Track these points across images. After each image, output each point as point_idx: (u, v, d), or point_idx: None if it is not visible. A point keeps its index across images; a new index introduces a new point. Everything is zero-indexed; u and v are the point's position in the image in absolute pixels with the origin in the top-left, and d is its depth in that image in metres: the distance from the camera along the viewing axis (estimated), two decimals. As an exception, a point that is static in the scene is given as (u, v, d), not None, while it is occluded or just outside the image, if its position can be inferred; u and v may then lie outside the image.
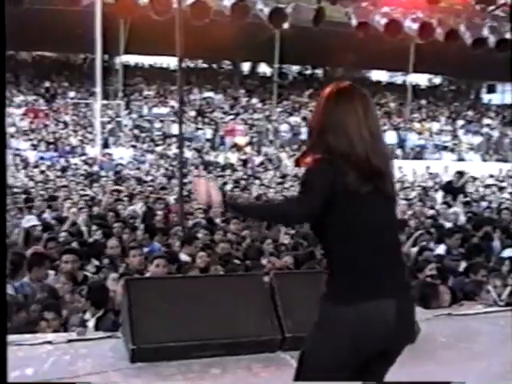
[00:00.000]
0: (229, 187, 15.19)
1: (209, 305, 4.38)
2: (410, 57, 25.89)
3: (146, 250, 7.88)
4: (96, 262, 7.24)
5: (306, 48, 24.82)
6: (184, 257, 7.79)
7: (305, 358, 2.63)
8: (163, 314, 4.29)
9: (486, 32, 10.87)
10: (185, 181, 13.83)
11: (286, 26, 9.81)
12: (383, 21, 10.31)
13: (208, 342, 4.26)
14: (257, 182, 17.67)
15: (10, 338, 4.63)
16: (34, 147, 23.05)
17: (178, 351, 4.22)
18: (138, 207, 10.98)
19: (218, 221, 10.05)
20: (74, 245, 7.80)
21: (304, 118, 27.94)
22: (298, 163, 2.73)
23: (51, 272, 6.85)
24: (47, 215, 10.31)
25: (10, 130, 23.96)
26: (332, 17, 11.90)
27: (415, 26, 10.51)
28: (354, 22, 10.46)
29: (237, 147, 25.86)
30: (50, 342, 4.50)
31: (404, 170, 20.76)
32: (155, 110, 27.25)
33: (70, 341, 4.55)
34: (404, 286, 2.66)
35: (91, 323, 5.30)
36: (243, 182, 16.27)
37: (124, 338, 4.34)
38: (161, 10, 9.32)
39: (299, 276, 5.14)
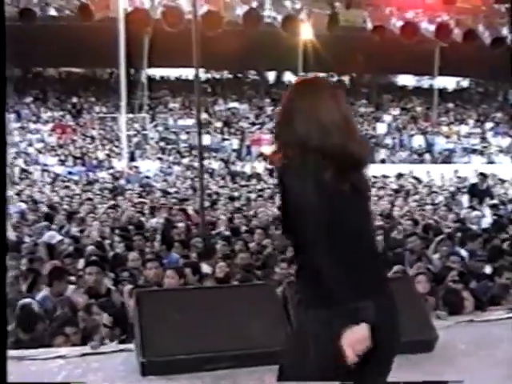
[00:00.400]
0: (253, 196, 15.12)
1: (221, 316, 4.33)
2: (435, 60, 25.67)
3: (165, 261, 7.90)
4: (112, 275, 7.23)
5: (331, 55, 24.75)
6: (206, 268, 7.76)
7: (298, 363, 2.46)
8: (174, 327, 4.24)
9: (504, 31, 10.67)
10: (208, 191, 13.86)
11: (302, 33, 9.81)
12: (399, 23, 10.19)
13: (220, 355, 4.20)
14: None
15: (24, 352, 4.67)
16: (62, 162, 23.31)
17: (190, 364, 4.17)
18: (160, 219, 10.99)
19: (242, 230, 10.00)
20: (96, 258, 7.84)
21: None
22: (271, 162, 2.57)
23: (71, 286, 6.89)
24: (69, 229, 10.37)
25: (38, 145, 24.31)
26: (356, 22, 11.86)
27: (432, 27, 10.37)
28: (370, 25, 10.36)
29: (263, 157, 25.82)
30: (62, 357, 4.49)
31: (432, 174, 20.52)
32: (181, 122, 27.42)
33: (83, 355, 4.54)
34: (386, 288, 2.54)
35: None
36: (268, 192, 16.19)
37: (136, 350, 4.31)
38: (173, 21, 9.33)
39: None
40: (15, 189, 17.28)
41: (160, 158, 24.52)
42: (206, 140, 26.78)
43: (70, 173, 22.20)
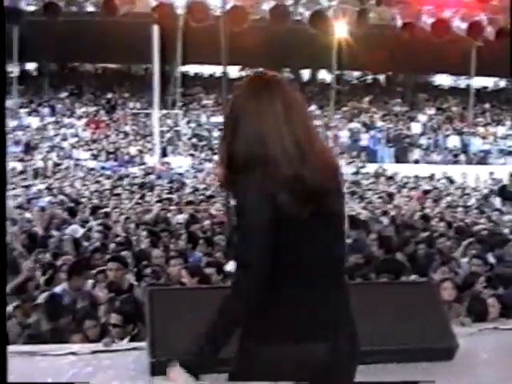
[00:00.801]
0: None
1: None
2: (471, 60, 25.26)
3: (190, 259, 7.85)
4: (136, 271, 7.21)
5: (365, 53, 24.51)
6: (229, 267, 7.68)
7: None
8: (186, 326, 4.14)
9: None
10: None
11: (331, 30, 9.68)
12: (430, 21, 9.96)
13: (231, 356, 4.10)
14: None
15: (35, 348, 4.64)
16: (95, 157, 23.52)
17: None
18: (186, 216, 10.96)
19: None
20: (119, 253, 7.84)
21: (364, 124, 27.60)
22: (221, 184, 2.24)
23: (90, 281, 6.89)
24: (93, 224, 10.42)
25: (72, 140, 24.57)
26: (386, 19, 11.64)
27: (464, 25, 10.11)
28: (399, 22, 10.15)
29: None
30: (74, 353, 4.44)
31: (467, 175, 20.20)
32: (213, 119, 27.42)
33: (94, 352, 4.48)
34: (342, 326, 2.21)
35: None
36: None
37: (146, 350, 4.24)
38: (199, 17, 9.26)
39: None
40: (46, 183, 17.43)
41: (192, 155, 24.58)
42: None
43: (102, 168, 22.38)
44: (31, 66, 32.10)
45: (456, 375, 4.36)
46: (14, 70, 25.48)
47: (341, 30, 19.31)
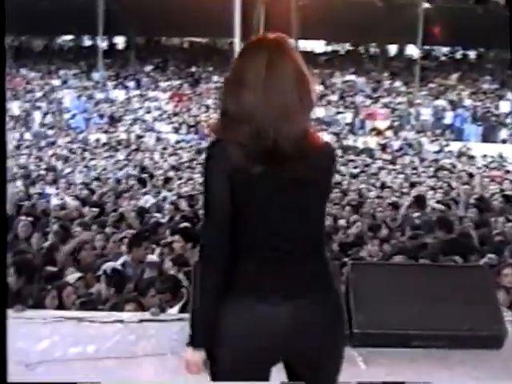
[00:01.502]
0: (356, 171, 14.83)
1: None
2: None
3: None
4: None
5: (455, 28, 23.70)
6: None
7: None
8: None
9: None
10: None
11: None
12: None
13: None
14: (390, 166, 17.13)
15: (84, 314, 4.79)
16: (176, 130, 23.89)
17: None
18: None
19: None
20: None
21: (451, 102, 26.74)
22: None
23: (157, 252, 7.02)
24: (169, 195, 10.60)
25: (155, 113, 25.04)
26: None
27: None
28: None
29: (376, 131, 25.27)
30: (121, 321, 4.55)
31: None
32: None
33: (141, 321, 4.58)
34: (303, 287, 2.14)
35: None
36: (375, 167, 15.82)
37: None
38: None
39: (381, 268, 4.80)
40: (124, 154, 17.87)
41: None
42: (320, 113, 26.55)
43: (182, 140, 22.72)
44: (119, 40, 32.82)
45: (504, 363, 4.20)
46: (100, 43, 26.16)
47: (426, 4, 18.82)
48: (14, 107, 25.65)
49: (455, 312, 4.27)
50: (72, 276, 5.98)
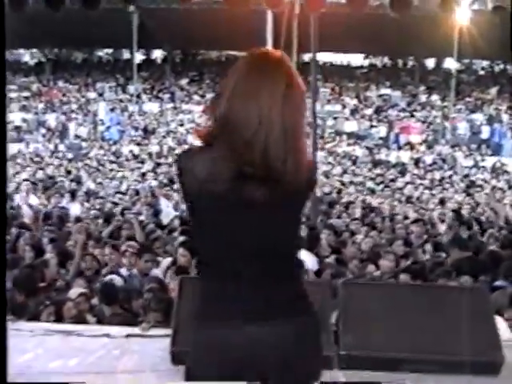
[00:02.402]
0: (380, 188, 14.63)
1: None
2: None
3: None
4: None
5: (491, 40, 23.26)
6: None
7: None
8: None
9: None
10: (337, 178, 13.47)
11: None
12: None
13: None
14: (418, 181, 16.84)
15: (73, 327, 4.76)
16: (207, 143, 23.96)
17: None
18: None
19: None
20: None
21: (488, 116, 26.27)
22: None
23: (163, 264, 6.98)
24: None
25: (188, 126, 25.19)
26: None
27: None
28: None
29: (410, 146, 24.96)
30: (108, 335, 4.51)
31: None
32: (328, 107, 27.08)
33: (128, 336, 4.54)
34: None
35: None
36: (401, 182, 15.57)
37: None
38: (273, 2, 9.15)
39: (374, 287, 4.65)
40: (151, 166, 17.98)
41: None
42: (353, 126, 26.37)
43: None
44: (157, 54, 33.18)
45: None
46: (135, 57, 26.46)
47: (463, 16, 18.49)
48: (51, 119, 26.07)
49: (449, 335, 4.11)
50: (74, 291, 5.96)
